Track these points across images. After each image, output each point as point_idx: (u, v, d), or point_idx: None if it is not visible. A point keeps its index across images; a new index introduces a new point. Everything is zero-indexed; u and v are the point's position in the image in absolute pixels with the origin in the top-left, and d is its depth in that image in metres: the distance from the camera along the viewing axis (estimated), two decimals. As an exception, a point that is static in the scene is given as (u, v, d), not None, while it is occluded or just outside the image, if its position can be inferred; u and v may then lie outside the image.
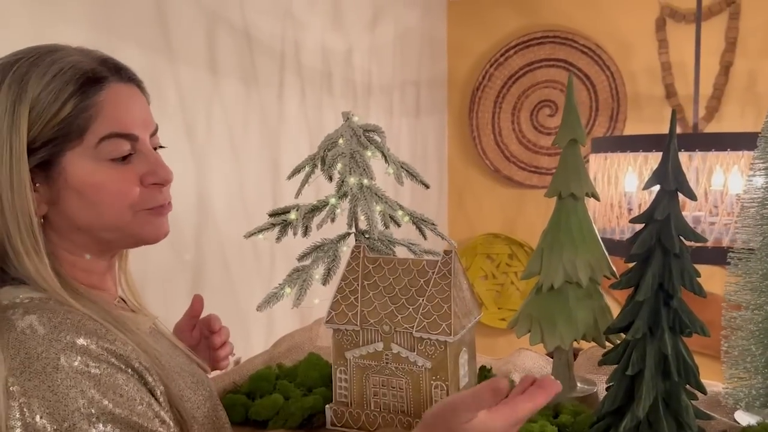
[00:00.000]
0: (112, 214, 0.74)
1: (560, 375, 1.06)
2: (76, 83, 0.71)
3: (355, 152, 1.17)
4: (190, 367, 0.86)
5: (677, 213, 0.83)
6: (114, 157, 0.73)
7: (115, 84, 0.74)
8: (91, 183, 0.72)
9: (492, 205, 3.16)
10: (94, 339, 0.66)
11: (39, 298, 0.70)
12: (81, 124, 0.71)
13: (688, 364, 0.85)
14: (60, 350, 0.64)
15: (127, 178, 0.74)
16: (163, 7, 1.61)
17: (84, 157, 0.72)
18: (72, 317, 0.68)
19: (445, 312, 0.93)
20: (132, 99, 0.76)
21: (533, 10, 3.00)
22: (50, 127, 0.70)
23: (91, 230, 0.75)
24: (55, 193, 0.73)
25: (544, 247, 1.04)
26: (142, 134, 0.76)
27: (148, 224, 0.77)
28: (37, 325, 0.65)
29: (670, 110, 2.75)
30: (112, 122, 0.73)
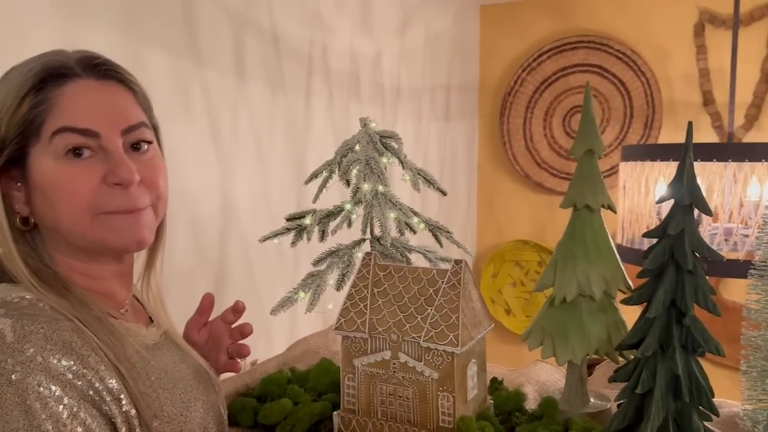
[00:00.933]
0: (69, 214, 0.72)
1: (572, 390, 1.04)
2: (35, 79, 0.71)
3: (371, 158, 1.16)
4: (193, 382, 0.83)
5: (692, 228, 0.81)
6: (68, 150, 0.71)
7: (81, 80, 0.73)
8: (48, 180, 0.71)
9: (522, 211, 3.13)
10: (58, 355, 0.64)
11: (29, 299, 0.69)
12: (38, 119, 0.70)
13: (701, 385, 0.82)
14: (18, 363, 0.62)
15: (82, 176, 0.71)
16: (190, 12, 1.64)
17: (44, 155, 0.71)
18: (47, 328, 0.66)
19: (453, 323, 0.92)
20: (99, 95, 0.74)
21: (567, 15, 2.96)
22: (12, 124, 0.70)
23: (58, 233, 0.74)
24: (28, 192, 0.73)
25: (558, 259, 1.02)
26: (105, 130, 0.72)
27: (110, 230, 0.73)
28: (8, 331, 0.64)
29: (708, 118, 2.69)
30: (65, 116, 0.71)
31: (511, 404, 1.03)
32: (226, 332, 1.04)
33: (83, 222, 0.72)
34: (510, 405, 1.03)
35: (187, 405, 0.78)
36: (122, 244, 0.75)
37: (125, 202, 0.73)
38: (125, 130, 0.74)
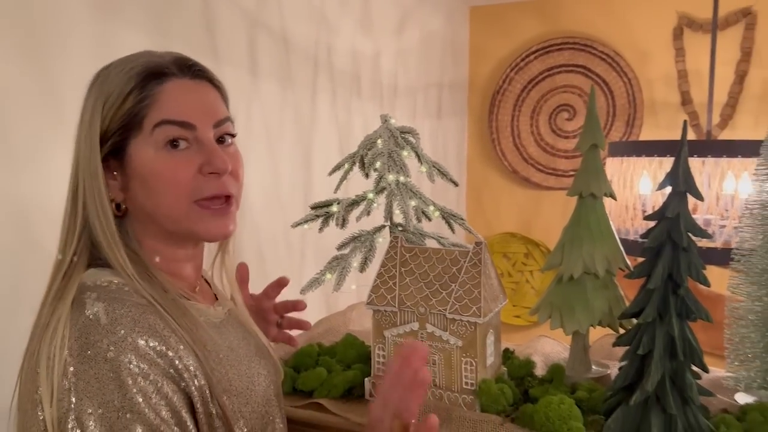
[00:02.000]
0: (169, 201, 0.78)
1: (577, 358, 1.17)
2: (138, 77, 0.78)
3: (393, 152, 1.28)
4: (256, 359, 0.88)
5: (686, 212, 0.94)
6: (167, 141, 0.77)
7: (177, 79, 0.79)
8: (150, 169, 0.77)
9: (509, 205, 3.26)
10: (144, 336, 0.71)
11: (117, 284, 0.75)
12: (141, 113, 0.77)
13: (693, 346, 0.95)
14: (112, 342, 0.69)
15: (181, 165, 0.78)
16: (209, 14, 1.73)
17: (145, 145, 0.77)
18: (134, 311, 0.72)
19: (476, 296, 1.04)
20: (193, 91, 0.80)
21: (554, 17, 3.10)
22: (117, 117, 0.77)
23: (155, 218, 0.80)
24: (126, 181, 0.79)
25: (566, 242, 1.14)
26: (200, 124, 0.79)
27: (201, 221, 0.79)
28: (102, 314, 0.71)
29: (685, 117, 2.85)
30: (166, 110, 0.77)
31: (523, 371, 1.15)
32: (272, 306, 1.14)
33: (181, 208, 0.79)
34: (522, 371, 1.15)
35: (251, 379, 0.85)
36: (211, 236, 0.83)
37: (218, 188, 0.80)
38: (216, 123, 0.81)
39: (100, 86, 0.79)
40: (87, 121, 0.78)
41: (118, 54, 1.46)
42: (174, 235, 0.82)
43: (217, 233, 0.82)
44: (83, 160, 0.78)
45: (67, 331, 0.70)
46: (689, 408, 0.95)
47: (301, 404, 1.12)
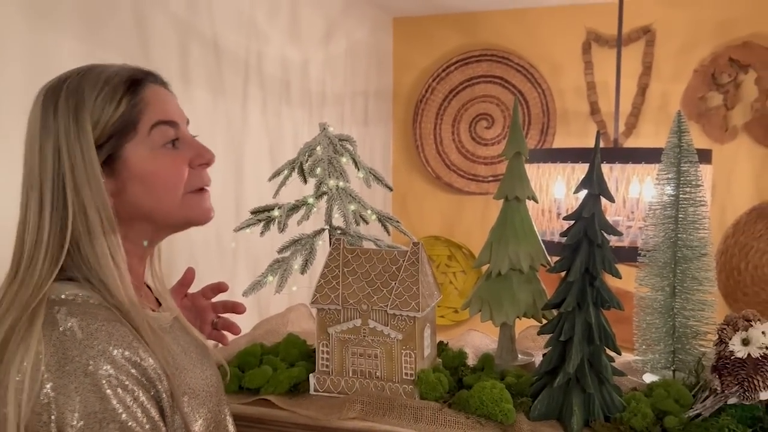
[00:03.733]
0: (169, 196, 0.83)
1: (504, 347, 1.27)
2: (124, 85, 0.81)
3: (332, 158, 1.35)
4: (203, 360, 0.92)
5: (600, 212, 1.06)
6: (164, 142, 0.83)
7: (151, 84, 0.85)
8: (149, 169, 0.82)
9: (433, 209, 3.39)
10: (119, 348, 0.74)
11: (82, 296, 0.77)
12: (134, 118, 0.81)
13: (608, 332, 1.07)
14: (91, 357, 0.71)
15: (177, 162, 0.84)
16: (142, 22, 1.74)
17: (140, 146, 0.82)
18: (107, 325, 0.75)
19: (414, 293, 1.13)
20: (167, 95, 0.87)
21: (473, 30, 3.25)
22: (110, 125, 0.80)
23: (152, 215, 0.84)
24: (121, 184, 0.82)
25: (493, 241, 1.25)
26: (181, 122, 0.86)
27: (196, 207, 0.87)
28: (77, 329, 0.73)
29: (594, 125, 3.06)
30: (158, 112, 0.83)
31: (457, 361, 1.24)
32: (209, 305, 1.18)
33: (176, 201, 0.84)
34: (456, 362, 1.24)
35: (205, 381, 0.89)
36: (205, 218, 0.89)
37: (206, 179, 0.88)
38: (187, 122, 0.90)
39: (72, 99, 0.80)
40: (73, 133, 0.79)
41: (53, 61, 1.47)
42: (156, 232, 0.87)
43: (209, 215, 0.89)
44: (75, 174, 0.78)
45: (42, 348, 0.71)
46: (605, 387, 1.07)
47: (249, 401, 1.17)
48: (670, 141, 1.17)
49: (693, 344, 1.16)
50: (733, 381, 1.01)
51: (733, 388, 1.01)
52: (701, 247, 1.15)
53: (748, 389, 1.00)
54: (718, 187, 2.92)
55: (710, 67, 2.90)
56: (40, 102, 0.82)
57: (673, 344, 1.18)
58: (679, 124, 1.16)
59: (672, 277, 1.17)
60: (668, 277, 1.18)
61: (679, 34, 2.94)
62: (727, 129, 2.91)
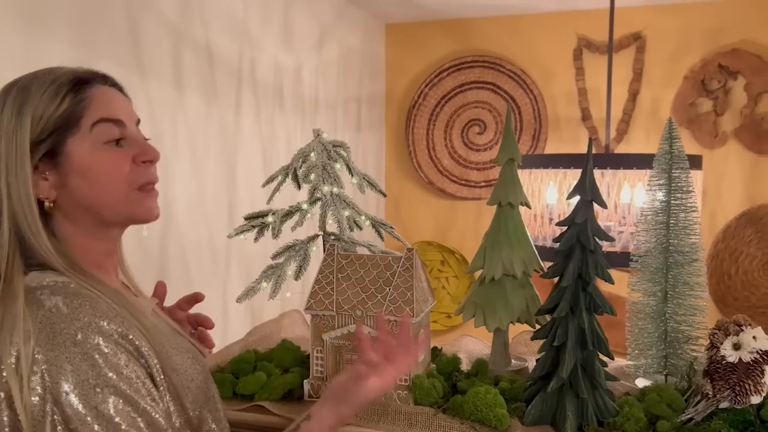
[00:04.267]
0: (110, 191, 0.85)
1: (498, 352, 1.28)
2: (70, 84, 0.85)
3: (326, 164, 1.35)
4: (185, 344, 0.97)
5: (592, 218, 1.07)
6: (107, 140, 0.85)
7: (100, 85, 0.88)
8: (90, 163, 0.84)
9: (426, 214, 3.40)
10: (105, 320, 0.77)
11: (62, 282, 0.80)
12: (77, 113, 0.84)
13: (600, 337, 1.08)
14: (78, 328, 0.75)
15: (120, 159, 0.86)
16: (135, 29, 1.75)
17: (83, 141, 0.84)
18: (90, 301, 0.78)
19: (408, 298, 1.13)
20: (116, 96, 0.90)
21: (465, 36, 3.27)
22: (52, 120, 0.83)
23: (93, 209, 0.86)
24: (63, 178, 0.84)
25: (487, 246, 1.25)
26: (128, 122, 0.88)
27: (140, 204, 0.88)
28: (62, 305, 0.77)
29: (585, 131, 3.08)
30: (102, 110, 0.85)
31: (451, 366, 1.25)
32: (185, 317, 1.17)
33: (121, 195, 0.86)
34: (450, 367, 1.25)
35: (190, 360, 0.92)
36: (148, 217, 0.90)
37: (151, 176, 0.89)
38: (136, 122, 0.92)
39: (20, 97, 0.84)
40: (12, 128, 0.82)
41: (45, 66, 1.46)
42: (105, 226, 0.88)
43: (153, 213, 0.91)
44: (10, 166, 0.82)
45: (29, 326, 0.74)
46: (598, 392, 1.08)
47: (243, 407, 1.17)
48: (661, 147, 1.19)
49: (685, 349, 1.17)
50: (724, 385, 1.02)
51: (724, 393, 1.02)
52: (692, 252, 1.16)
53: (739, 393, 1.01)
54: (708, 193, 2.95)
55: (700, 74, 2.92)
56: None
57: (665, 349, 1.19)
58: (670, 131, 1.18)
59: (664, 282, 1.18)
60: (660, 282, 1.19)
61: (669, 41, 2.97)
62: (717, 135, 2.93)
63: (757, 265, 2.91)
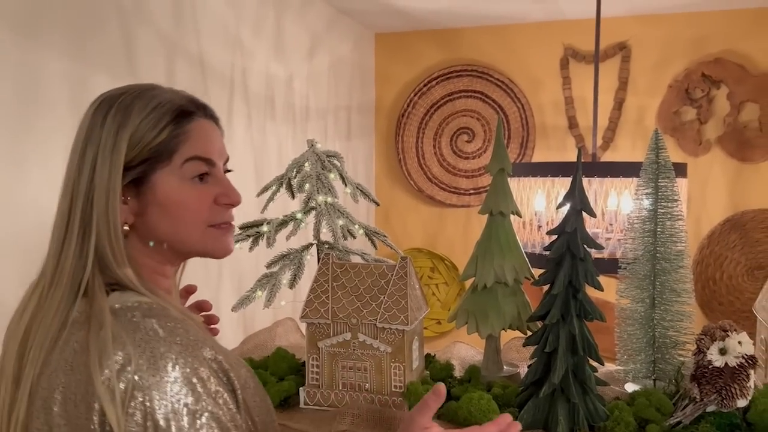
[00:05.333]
0: (188, 227, 0.85)
1: (490, 359, 1.30)
2: (171, 115, 0.84)
3: (321, 174, 1.37)
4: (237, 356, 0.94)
5: (582, 227, 1.09)
6: (194, 176, 0.84)
7: (200, 118, 0.87)
8: (173, 198, 0.83)
9: (415, 222, 3.42)
10: (199, 344, 0.76)
11: (146, 303, 0.78)
12: (172, 147, 0.83)
13: (591, 343, 1.10)
14: (177, 352, 0.73)
15: (203, 197, 0.85)
16: (128, 39, 1.76)
17: (170, 175, 0.83)
18: (182, 324, 0.77)
19: (403, 306, 1.15)
20: (212, 132, 0.89)
21: (454, 46, 3.31)
22: (147, 149, 0.82)
23: (168, 240, 0.85)
24: (143, 206, 0.83)
25: (478, 255, 1.28)
26: (218, 161, 0.88)
27: (216, 241, 0.88)
28: (158, 328, 0.74)
29: (572, 139, 3.12)
30: (197, 147, 0.85)
31: (444, 373, 1.27)
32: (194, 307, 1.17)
33: (197, 233, 0.86)
34: (443, 373, 1.27)
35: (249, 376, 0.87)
36: (223, 253, 0.90)
37: (229, 217, 0.89)
38: (225, 161, 0.91)
39: (120, 116, 0.83)
40: (108, 148, 0.81)
41: (40, 78, 1.48)
42: (175, 256, 0.88)
43: (228, 250, 0.91)
44: (100, 185, 0.81)
45: (130, 349, 0.72)
46: (589, 397, 1.10)
47: (240, 415, 1.18)
48: (648, 157, 1.22)
49: (672, 354, 1.20)
50: (711, 389, 1.05)
51: (711, 396, 1.05)
52: (679, 259, 1.19)
53: (725, 397, 1.04)
54: (693, 199, 3.00)
55: (684, 83, 2.97)
56: (93, 110, 0.84)
57: (653, 354, 1.22)
58: (656, 141, 1.21)
59: (651, 289, 1.21)
60: (648, 289, 1.22)
61: (654, 51, 3.02)
62: (701, 142, 2.99)
63: (741, 270, 2.96)
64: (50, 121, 1.50)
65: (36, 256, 0.83)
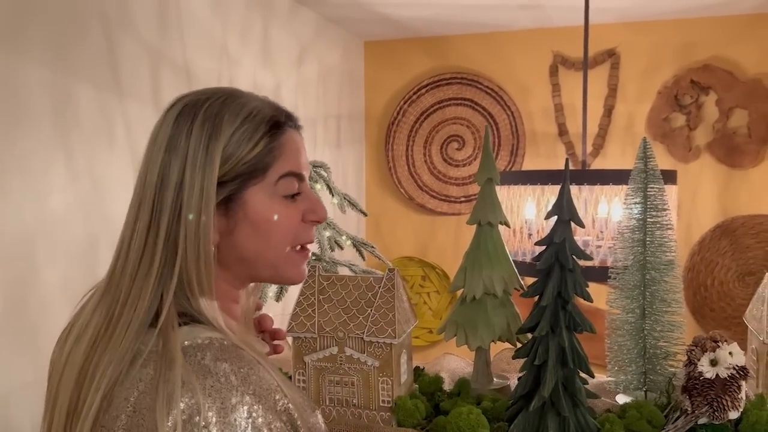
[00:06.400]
0: (276, 246, 0.79)
1: (480, 371, 1.28)
2: (266, 127, 0.77)
3: (306, 186, 1.35)
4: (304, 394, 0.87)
5: (570, 237, 1.08)
6: (287, 194, 0.79)
7: (290, 129, 0.81)
8: (266, 216, 0.77)
9: (406, 230, 3.41)
10: (271, 393, 0.69)
11: (217, 340, 0.71)
12: (267, 163, 0.77)
13: (581, 355, 1.09)
14: (250, 404, 0.66)
15: (294, 214, 0.80)
16: (112, 49, 1.74)
17: (263, 192, 0.77)
18: (254, 368, 0.69)
19: (390, 319, 1.13)
20: (301, 144, 0.83)
21: (443, 53, 3.30)
22: (241, 164, 0.75)
23: (251, 261, 0.79)
24: (232, 224, 0.77)
25: (467, 266, 1.26)
26: (306, 174, 0.83)
27: (295, 266, 0.82)
28: (230, 374, 0.67)
29: (562, 146, 3.12)
30: (291, 162, 0.79)
31: (433, 386, 1.25)
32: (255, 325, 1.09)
33: (282, 253, 0.80)
34: (432, 387, 1.25)
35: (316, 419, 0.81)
36: (299, 279, 0.83)
37: (312, 235, 0.84)
38: (309, 174, 0.85)
39: (209, 126, 0.75)
40: (200, 161, 0.74)
41: (22, 88, 1.45)
42: (250, 279, 0.83)
43: (302, 277, 0.84)
44: (191, 203, 0.73)
45: (199, 398, 0.65)
46: (579, 410, 1.09)
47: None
48: (636, 166, 1.21)
49: (663, 365, 1.19)
50: (702, 401, 1.03)
51: (702, 408, 1.03)
52: (669, 269, 1.18)
53: (717, 409, 1.02)
54: (683, 206, 3.00)
55: (673, 89, 2.98)
56: (174, 115, 0.77)
57: (644, 365, 1.21)
58: (645, 149, 1.20)
59: (641, 299, 1.19)
60: (638, 299, 1.20)
61: (643, 57, 3.02)
62: (690, 149, 2.99)
63: (732, 276, 2.96)
64: (31, 132, 1.48)
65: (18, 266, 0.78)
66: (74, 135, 1.63)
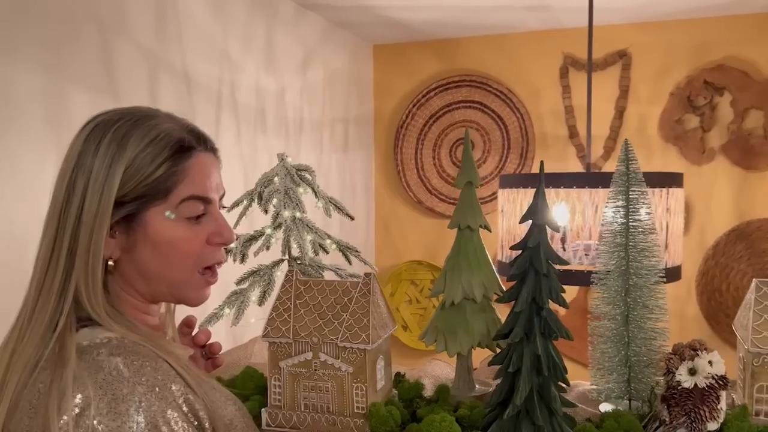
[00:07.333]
0: (178, 268, 0.81)
1: (461, 378, 1.26)
2: (170, 150, 0.79)
3: (289, 189, 1.35)
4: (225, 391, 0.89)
5: (545, 242, 1.05)
6: (190, 216, 0.80)
7: (200, 153, 0.82)
8: (166, 238, 0.79)
9: (415, 234, 3.39)
10: (168, 384, 0.71)
11: (116, 338, 0.74)
12: (169, 185, 0.78)
13: (556, 363, 1.06)
14: (142, 394, 0.69)
15: (196, 237, 0.81)
16: (108, 53, 1.76)
17: (164, 214, 0.79)
18: (151, 361, 0.72)
19: (365, 325, 1.12)
20: (212, 167, 0.84)
21: (452, 56, 3.28)
22: (142, 185, 0.77)
23: (154, 279, 0.81)
24: (132, 243, 0.79)
25: (447, 270, 1.24)
26: (214, 198, 0.84)
27: (196, 289, 0.84)
28: (122, 367, 0.70)
29: (573, 149, 3.07)
30: (195, 186, 0.80)
31: (412, 393, 1.23)
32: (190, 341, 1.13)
33: (186, 275, 0.82)
34: (411, 393, 1.23)
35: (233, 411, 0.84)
36: (197, 302, 0.86)
37: (221, 257, 0.85)
38: (221, 196, 0.87)
39: (114, 146, 0.78)
40: (100, 180, 0.76)
41: (16, 94, 1.47)
42: (154, 295, 0.84)
43: (202, 300, 0.86)
44: (87, 220, 0.76)
45: (90, 392, 0.68)
46: (554, 419, 1.06)
47: (200, 436, 1.15)
48: (618, 168, 1.18)
49: (646, 373, 1.16)
50: (680, 411, 1.00)
51: (680, 419, 1.00)
52: (651, 274, 1.14)
53: (695, 420, 0.99)
54: (697, 209, 2.93)
55: (686, 90, 2.92)
56: (87, 133, 0.79)
57: (627, 373, 1.17)
58: (626, 152, 1.17)
59: (623, 305, 1.16)
60: (620, 305, 1.17)
61: (655, 58, 2.97)
62: (704, 151, 2.92)
63: (748, 282, 2.87)
64: (23, 136, 1.50)
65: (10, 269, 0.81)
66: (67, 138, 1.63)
